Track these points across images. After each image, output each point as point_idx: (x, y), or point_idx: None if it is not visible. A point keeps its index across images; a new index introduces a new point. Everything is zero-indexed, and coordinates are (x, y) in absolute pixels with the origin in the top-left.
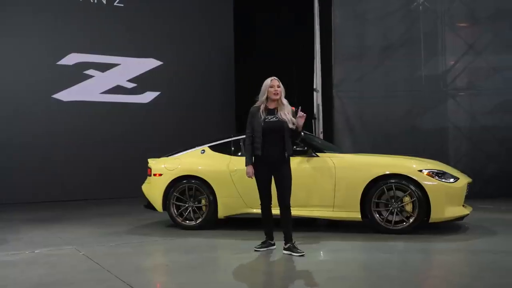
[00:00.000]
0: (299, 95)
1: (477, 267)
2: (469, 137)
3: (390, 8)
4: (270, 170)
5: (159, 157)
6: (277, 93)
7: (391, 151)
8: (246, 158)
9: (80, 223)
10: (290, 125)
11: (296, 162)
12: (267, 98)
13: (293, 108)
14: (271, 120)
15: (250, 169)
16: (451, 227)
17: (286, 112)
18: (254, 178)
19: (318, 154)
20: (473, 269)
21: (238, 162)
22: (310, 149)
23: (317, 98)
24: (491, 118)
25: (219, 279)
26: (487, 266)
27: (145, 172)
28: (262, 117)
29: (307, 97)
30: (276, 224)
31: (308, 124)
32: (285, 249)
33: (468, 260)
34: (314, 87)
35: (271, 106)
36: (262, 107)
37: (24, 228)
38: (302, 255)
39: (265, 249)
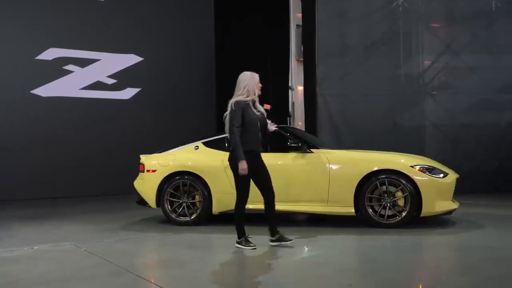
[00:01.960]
0: (277, 93)
1: (473, 259)
2: (447, 134)
3: (372, 7)
4: (256, 164)
5: (151, 153)
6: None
7: (373, 148)
8: (238, 153)
9: (70, 220)
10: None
11: (290, 158)
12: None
13: (267, 107)
14: (257, 115)
15: (246, 164)
16: (439, 221)
17: (260, 106)
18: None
19: (312, 150)
20: (469, 261)
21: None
22: (304, 145)
23: (292, 96)
24: (468, 117)
25: (232, 273)
26: (482, 258)
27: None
28: (255, 111)
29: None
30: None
31: (283, 122)
32: (273, 241)
33: (463, 253)
34: (289, 85)
35: (254, 101)
36: (250, 100)
37: (14, 225)
38: (292, 241)
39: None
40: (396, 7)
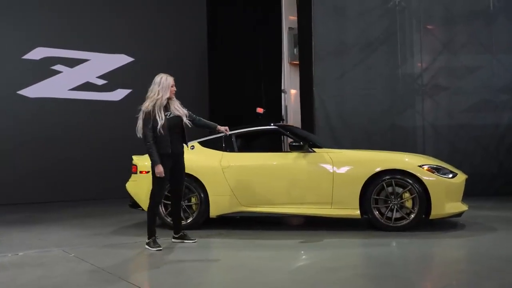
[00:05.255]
0: (270, 97)
1: (493, 263)
2: (445, 135)
3: (368, 6)
4: (171, 164)
5: (143, 154)
6: (174, 91)
7: (371, 148)
8: (153, 158)
9: (58, 224)
10: (185, 119)
11: (292, 158)
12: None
13: (260, 110)
14: (171, 116)
15: (162, 168)
16: (448, 224)
17: (176, 106)
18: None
19: (314, 149)
20: (491, 265)
21: (232, 158)
22: (306, 145)
23: (285, 99)
24: (466, 117)
25: (234, 279)
26: (503, 261)
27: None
28: (162, 115)
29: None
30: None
31: None
32: (176, 238)
33: (481, 257)
34: (282, 88)
35: (165, 103)
36: (158, 104)
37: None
38: (195, 242)
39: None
40: (393, 6)
